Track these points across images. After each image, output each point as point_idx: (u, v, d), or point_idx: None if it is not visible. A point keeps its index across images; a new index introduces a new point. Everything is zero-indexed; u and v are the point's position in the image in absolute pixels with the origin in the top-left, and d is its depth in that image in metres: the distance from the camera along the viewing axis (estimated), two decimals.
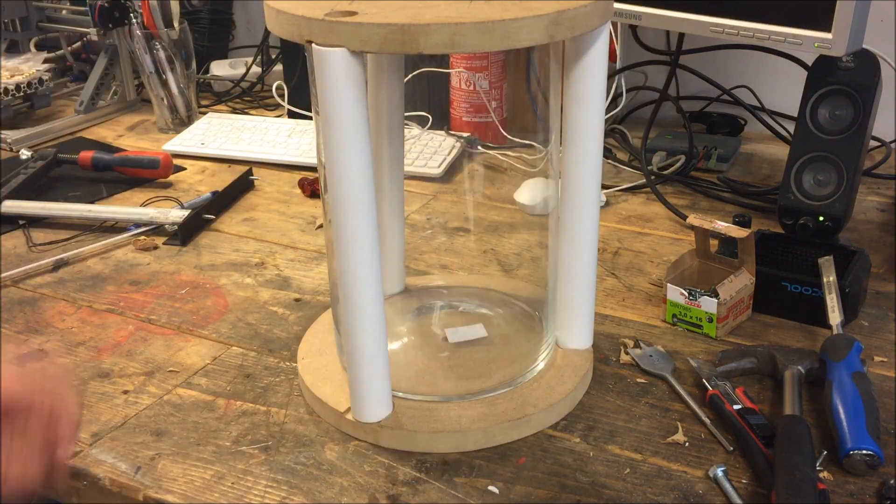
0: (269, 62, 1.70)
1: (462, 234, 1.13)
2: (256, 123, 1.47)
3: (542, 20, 0.62)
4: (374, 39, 0.60)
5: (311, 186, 1.26)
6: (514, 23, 0.61)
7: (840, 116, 1.00)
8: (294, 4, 0.65)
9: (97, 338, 0.92)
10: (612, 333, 0.91)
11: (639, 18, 1.11)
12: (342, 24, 0.61)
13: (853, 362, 0.78)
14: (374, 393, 0.74)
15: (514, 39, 0.61)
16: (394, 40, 0.60)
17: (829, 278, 0.88)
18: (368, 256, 0.69)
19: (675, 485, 0.70)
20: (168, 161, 1.30)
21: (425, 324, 0.92)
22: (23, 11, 1.67)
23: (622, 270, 1.03)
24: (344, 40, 0.61)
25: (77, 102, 1.57)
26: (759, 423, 0.74)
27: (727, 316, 0.88)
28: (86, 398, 0.83)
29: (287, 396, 0.82)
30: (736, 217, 1.04)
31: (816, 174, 1.01)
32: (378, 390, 0.74)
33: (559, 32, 0.63)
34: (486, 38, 0.61)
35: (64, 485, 0.62)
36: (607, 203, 1.21)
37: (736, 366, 0.83)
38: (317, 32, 0.62)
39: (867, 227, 1.12)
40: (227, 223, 1.19)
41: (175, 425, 0.79)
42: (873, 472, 0.70)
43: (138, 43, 1.46)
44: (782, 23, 0.98)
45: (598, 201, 0.78)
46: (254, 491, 0.71)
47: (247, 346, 0.90)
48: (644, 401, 0.80)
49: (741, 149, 1.38)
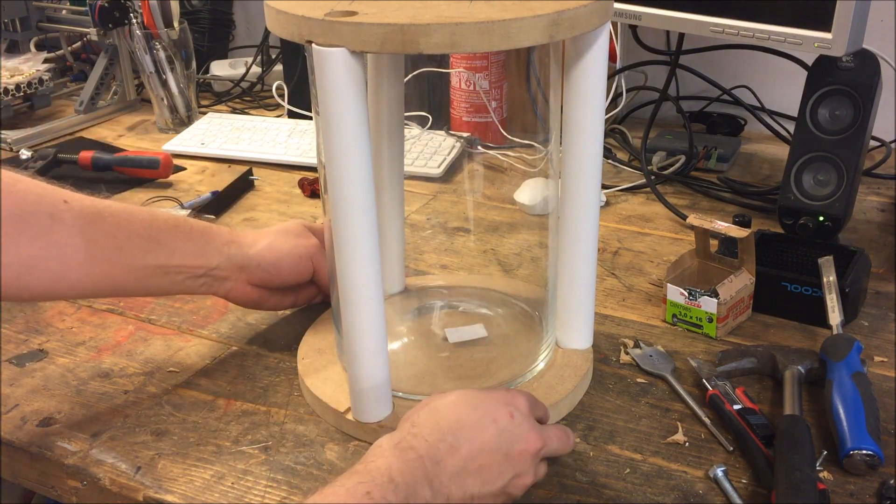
0: (269, 62, 1.70)
1: (462, 234, 1.13)
2: (256, 123, 1.47)
3: (542, 20, 0.62)
4: (374, 39, 0.60)
5: (311, 186, 1.25)
6: (514, 23, 0.61)
7: (840, 116, 1.00)
8: (294, 4, 0.65)
9: (97, 338, 0.92)
10: (612, 333, 0.91)
11: (639, 18, 1.11)
12: (342, 23, 0.61)
13: (853, 362, 0.78)
14: (375, 393, 0.74)
15: (515, 40, 0.61)
16: (394, 40, 0.60)
17: (829, 278, 0.88)
18: (368, 256, 0.69)
19: (675, 485, 0.70)
20: (168, 161, 1.30)
21: (425, 324, 0.92)
22: (23, 11, 1.67)
23: (622, 270, 1.03)
24: (344, 40, 0.61)
25: (77, 102, 1.57)
26: (759, 423, 0.74)
27: (727, 316, 0.88)
28: (86, 398, 0.83)
29: (287, 396, 0.82)
30: (736, 217, 1.04)
31: (816, 174, 1.01)
32: (378, 390, 0.74)
33: (559, 32, 0.63)
34: (486, 38, 0.61)
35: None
36: (607, 203, 1.21)
37: (736, 366, 0.83)
38: (317, 32, 0.62)
39: (867, 227, 1.12)
40: (227, 223, 1.18)
41: (175, 425, 0.79)
42: (873, 472, 0.70)
43: (138, 43, 1.46)
44: (782, 23, 0.98)
45: (598, 200, 0.78)
46: (254, 491, 0.71)
47: (247, 346, 0.90)
48: (644, 401, 0.80)
49: (741, 149, 1.38)
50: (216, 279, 0.83)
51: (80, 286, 0.75)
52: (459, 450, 0.62)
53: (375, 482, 0.58)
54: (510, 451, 0.63)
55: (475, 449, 0.62)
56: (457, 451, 0.62)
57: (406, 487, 0.58)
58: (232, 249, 0.83)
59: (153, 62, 1.48)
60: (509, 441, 0.63)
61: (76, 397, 0.83)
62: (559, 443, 0.68)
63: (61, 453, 0.76)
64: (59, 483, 0.76)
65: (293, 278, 0.87)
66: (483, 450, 0.62)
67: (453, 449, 0.62)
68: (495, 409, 0.65)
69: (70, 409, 0.81)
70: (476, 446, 0.62)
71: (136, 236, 0.77)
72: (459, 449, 0.62)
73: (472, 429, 0.63)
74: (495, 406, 0.65)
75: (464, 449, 0.62)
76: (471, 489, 0.62)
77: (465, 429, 0.63)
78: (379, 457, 0.61)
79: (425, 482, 0.59)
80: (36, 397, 0.83)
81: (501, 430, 0.64)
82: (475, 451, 0.62)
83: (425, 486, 0.59)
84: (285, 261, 0.86)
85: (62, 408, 0.81)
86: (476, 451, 0.62)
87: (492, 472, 0.62)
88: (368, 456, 0.61)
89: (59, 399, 0.83)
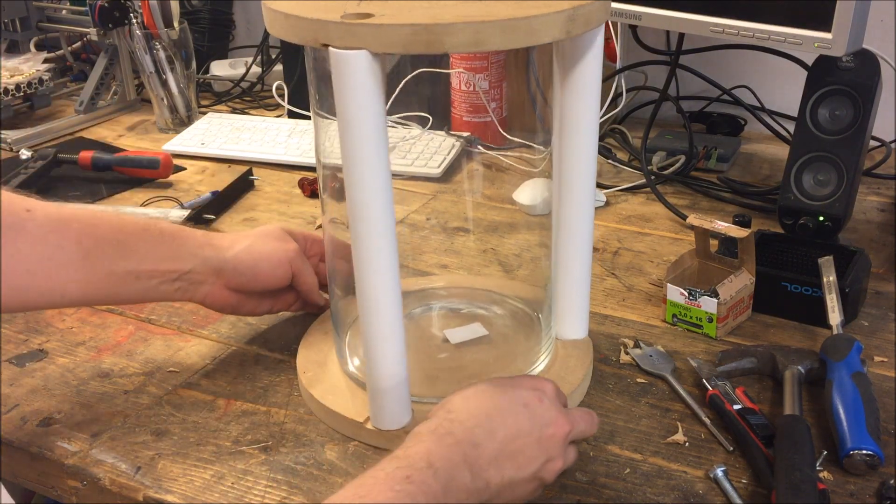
0: (268, 62, 1.70)
1: (462, 234, 1.13)
2: (256, 123, 1.47)
3: (560, 16, 0.62)
4: (397, 40, 0.59)
5: (311, 186, 1.25)
6: (536, 20, 0.61)
7: (840, 116, 1.00)
8: (302, 7, 0.64)
9: (97, 338, 0.92)
10: (612, 333, 0.91)
11: (639, 18, 1.11)
12: (364, 25, 0.59)
13: (853, 362, 0.78)
14: (396, 400, 0.73)
15: (536, 36, 0.62)
16: (418, 41, 0.59)
17: (829, 278, 0.88)
18: (389, 262, 0.67)
19: (675, 485, 0.70)
20: (168, 161, 1.30)
21: (424, 326, 0.92)
22: (23, 11, 1.67)
23: (622, 270, 1.03)
24: (365, 42, 0.60)
25: (77, 102, 1.57)
26: (759, 423, 0.74)
27: (727, 316, 0.88)
28: (86, 398, 0.83)
29: (287, 396, 0.82)
30: (736, 217, 1.04)
31: (816, 174, 1.01)
32: (399, 398, 0.73)
33: (575, 28, 0.64)
34: (509, 35, 0.61)
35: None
36: (607, 203, 1.21)
37: (736, 366, 0.83)
38: (335, 35, 0.60)
39: (867, 227, 1.12)
40: (227, 223, 1.18)
41: (175, 425, 0.79)
42: (873, 472, 0.70)
43: (138, 43, 1.46)
44: (782, 23, 0.98)
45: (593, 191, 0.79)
46: (254, 491, 0.71)
47: (247, 346, 0.90)
48: (644, 401, 0.80)
49: (741, 149, 1.38)
50: (192, 283, 0.81)
51: (50, 295, 0.74)
52: (496, 434, 0.62)
53: (415, 467, 0.58)
54: (542, 435, 0.64)
55: (511, 433, 0.63)
56: (494, 436, 0.62)
57: (446, 472, 0.58)
58: (207, 252, 0.81)
59: (153, 62, 1.48)
60: (540, 425, 0.64)
61: (76, 397, 0.83)
62: (585, 424, 0.69)
63: (61, 453, 0.76)
64: (59, 483, 0.76)
65: (271, 283, 0.85)
66: (518, 434, 0.63)
67: (490, 433, 0.62)
68: (525, 393, 0.65)
69: (70, 409, 0.81)
70: (511, 431, 0.63)
71: (103, 242, 0.75)
72: (496, 433, 0.62)
73: (506, 413, 0.63)
74: (524, 391, 0.66)
75: (500, 433, 0.62)
76: (508, 473, 0.62)
77: (499, 414, 0.63)
78: (417, 442, 0.61)
79: (465, 466, 0.60)
80: (36, 397, 0.83)
81: (532, 414, 0.64)
82: (511, 436, 0.62)
83: (465, 471, 0.60)
84: (263, 264, 0.84)
85: (62, 408, 0.81)
86: (511, 435, 0.62)
87: (526, 456, 0.63)
88: (407, 442, 0.61)
89: (59, 399, 0.83)
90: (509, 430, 0.63)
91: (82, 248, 0.74)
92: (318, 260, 0.90)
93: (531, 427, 0.64)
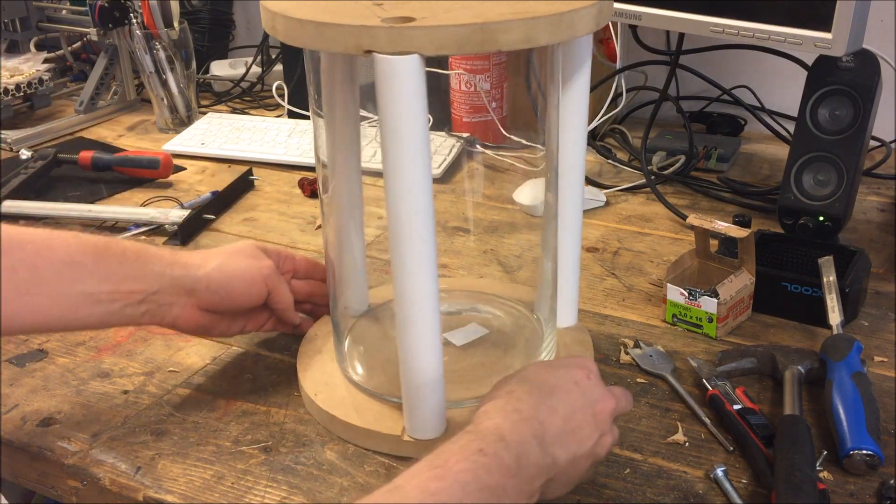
0: (268, 62, 1.70)
1: (462, 234, 1.13)
2: (256, 123, 1.48)
3: (593, 9, 0.64)
4: (451, 42, 0.59)
5: (311, 186, 1.26)
6: (576, 13, 0.62)
7: (840, 116, 1.00)
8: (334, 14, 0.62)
9: (97, 338, 0.92)
10: (612, 333, 0.91)
11: (639, 18, 1.11)
12: (415, 28, 0.58)
13: (853, 362, 0.78)
14: (435, 409, 0.72)
15: (577, 30, 0.63)
16: (473, 40, 0.59)
17: (828, 278, 0.88)
18: (430, 270, 0.66)
19: (675, 485, 0.70)
20: (168, 161, 1.30)
21: None
22: (23, 11, 1.67)
23: (622, 270, 1.03)
24: (417, 46, 0.58)
25: (77, 102, 1.57)
26: (759, 423, 0.74)
27: (727, 316, 0.88)
28: (86, 398, 0.83)
29: (287, 396, 0.82)
30: (736, 217, 1.04)
31: (816, 174, 1.01)
32: (437, 405, 0.72)
33: (601, 21, 0.65)
34: (555, 30, 0.61)
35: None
36: (607, 203, 1.21)
37: (736, 366, 0.83)
38: (385, 41, 0.58)
39: (867, 227, 1.12)
40: (227, 223, 1.19)
41: (175, 425, 0.79)
42: (873, 472, 0.70)
43: (138, 43, 1.47)
44: (782, 23, 0.98)
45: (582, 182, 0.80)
46: (254, 491, 0.71)
47: (247, 346, 0.90)
48: (644, 401, 0.80)
49: (741, 149, 1.38)
50: (160, 306, 0.77)
51: (9, 321, 0.70)
52: (558, 410, 0.63)
53: (486, 440, 0.59)
54: (594, 411, 0.65)
55: (570, 410, 0.64)
56: (556, 412, 0.63)
57: (517, 446, 0.59)
58: (176, 271, 0.77)
59: (153, 62, 1.48)
60: (592, 401, 0.65)
61: (76, 397, 0.83)
62: (625, 400, 0.70)
63: (61, 453, 0.76)
64: (59, 483, 0.76)
65: (246, 301, 0.82)
66: (575, 410, 0.64)
67: (552, 410, 0.63)
68: (574, 372, 0.67)
69: (70, 409, 0.81)
70: (570, 408, 0.64)
71: (58, 263, 0.71)
72: (558, 410, 0.63)
73: (563, 391, 0.65)
74: (574, 370, 0.67)
75: (561, 410, 0.63)
76: (572, 449, 0.63)
77: (557, 392, 0.64)
78: (487, 419, 0.61)
79: (534, 441, 0.60)
80: (36, 397, 0.83)
81: (584, 392, 0.65)
82: (570, 412, 0.64)
83: (534, 445, 0.60)
84: (237, 282, 0.80)
85: (62, 408, 0.81)
86: (570, 412, 0.64)
87: (584, 432, 0.64)
88: (476, 418, 0.62)
89: (59, 399, 0.83)
90: (568, 407, 0.64)
91: (37, 272, 0.70)
92: (291, 277, 0.88)
93: (584, 403, 0.65)
